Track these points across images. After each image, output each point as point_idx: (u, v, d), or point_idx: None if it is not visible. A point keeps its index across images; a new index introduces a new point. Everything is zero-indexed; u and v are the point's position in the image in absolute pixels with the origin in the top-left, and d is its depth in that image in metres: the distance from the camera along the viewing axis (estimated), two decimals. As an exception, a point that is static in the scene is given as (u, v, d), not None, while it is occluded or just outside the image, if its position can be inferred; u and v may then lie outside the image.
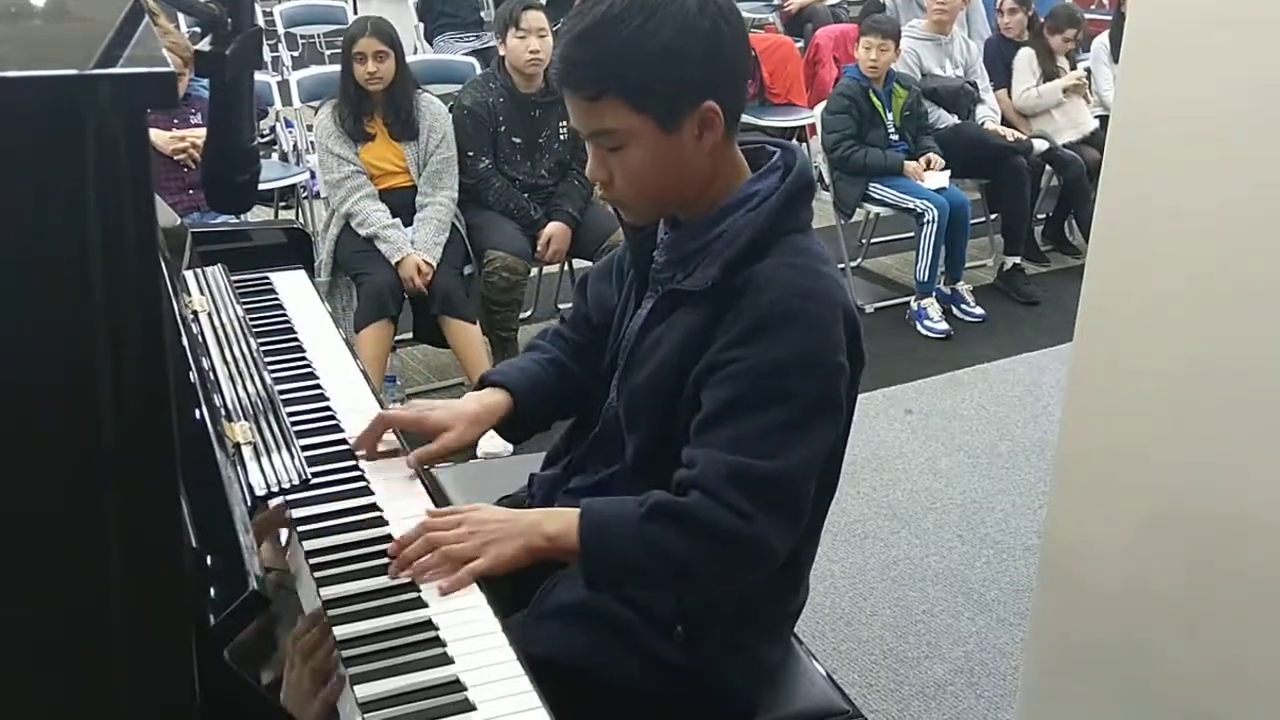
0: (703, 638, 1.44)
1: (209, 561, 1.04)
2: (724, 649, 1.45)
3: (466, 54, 5.58)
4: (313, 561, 1.33)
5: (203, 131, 2.21)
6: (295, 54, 7.10)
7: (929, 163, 4.52)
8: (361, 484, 1.51)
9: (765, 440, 1.30)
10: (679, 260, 1.42)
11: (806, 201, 1.41)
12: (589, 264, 3.54)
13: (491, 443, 1.48)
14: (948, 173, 4.54)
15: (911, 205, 4.45)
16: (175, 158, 3.56)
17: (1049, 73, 5.11)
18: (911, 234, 4.58)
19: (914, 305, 4.50)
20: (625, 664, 1.45)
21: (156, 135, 3.52)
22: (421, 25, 6.47)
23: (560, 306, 4.19)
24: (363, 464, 1.55)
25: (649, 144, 1.33)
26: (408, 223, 3.59)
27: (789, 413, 1.31)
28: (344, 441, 1.59)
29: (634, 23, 1.27)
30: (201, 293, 1.73)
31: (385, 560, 1.35)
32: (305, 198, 4.74)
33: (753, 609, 1.48)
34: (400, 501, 1.48)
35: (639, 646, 1.45)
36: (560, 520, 1.35)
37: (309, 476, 1.35)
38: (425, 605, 1.29)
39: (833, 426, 1.37)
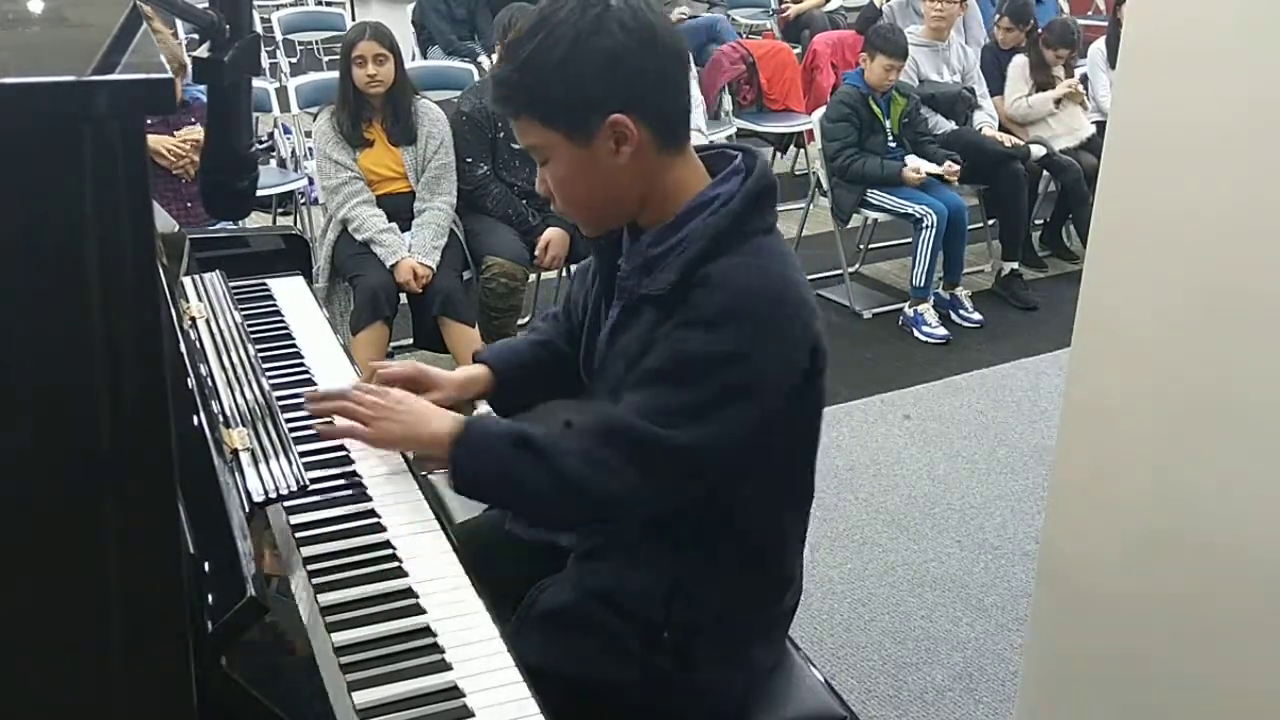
0: (691, 641, 1.44)
1: (207, 568, 1.04)
2: (714, 652, 1.45)
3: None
4: (310, 568, 1.33)
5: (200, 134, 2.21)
6: (293, 60, 7.09)
7: (949, 170, 4.50)
8: (359, 490, 1.51)
9: (664, 412, 1.32)
10: (642, 267, 1.42)
11: (769, 203, 1.42)
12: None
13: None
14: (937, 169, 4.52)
15: (909, 210, 4.45)
16: (174, 170, 3.56)
17: (1042, 83, 5.11)
18: (909, 240, 4.58)
19: (908, 311, 4.50)
20: (614, 671, 1.45)
21: (154, 140, 3.52)
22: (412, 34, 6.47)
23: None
24: (361, 470, 1.54)
25: (565, 159, 1.37)
26: (405, 228, 3.59)
27: (700, 396, 1.32)
28: (342, 447, 1.59)
29: (534, 41, 1.32)
30: (199, 299, 1.73)
31: (385, 566, 1.35)
32: (303, 204, 4.74)
33: (740, 610, 1.48)
34: (398, 507, 1.48)
35: (627, 652, 1.45)
36: (449, 422, 1.44)
37: (307, 482, 1.35)
38: (424, 611, 1.29)
39: (748, 421, 1.34)
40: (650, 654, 1.44)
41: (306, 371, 1.84)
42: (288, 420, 1.52)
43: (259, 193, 2.05)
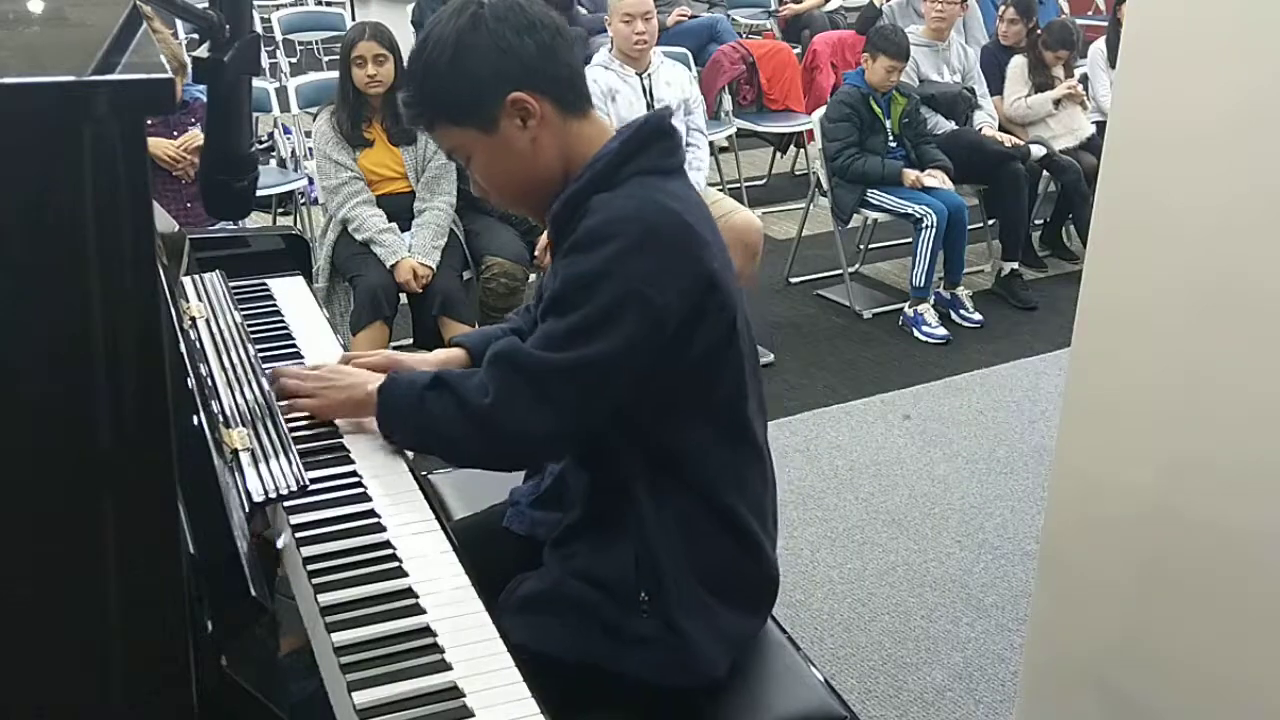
0: (667, 603, 1.46)
1: (206, 567, 1.04)
2: (691, 614, 1.47)
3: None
4: (310, 568, 1.33)
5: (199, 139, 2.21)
6: (293, 60, 7.10)
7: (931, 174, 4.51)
8: (359, 490, 1.51)
9: (553, 337, 1.40)
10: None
11: (658, 145, 1.47)
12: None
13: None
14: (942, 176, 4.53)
15: (909, 210, 4.45)
16: (174, 172, 3.56)
17: (1041, 83, 5.11)
18: (909, 240, 4.58)
19: (908, 311, 4.50)
20: (596, 644, 1.48)
21: (155, 143, 3.52)
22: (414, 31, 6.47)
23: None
24: (361, 470, 1.55)
25: (483, 150, 1.47)
26: (405, 228, 3.59)
27: (582, 317, 1.38)
28: (342, 447, 1.59)
29: (422, 55, 1.44)
30: (199, 299, 1.73)
31: (385, 566, 1.35)
32: (303, 204, 4.74)
33: (709, 569, 1.49)
34: (398, 507, 1.48)
35: (608, 624, 1.48)
36: (381, 380, 1.55)
37: (307, 482, 1.35)
38: (424, 612, 1.28)
39: (634, 337, 1.38)
40: (629, 622, 1.47)
41: (306, 371, 1.84)
42: (287, 420, 1.52)
43: (259, 193, 2.05)
